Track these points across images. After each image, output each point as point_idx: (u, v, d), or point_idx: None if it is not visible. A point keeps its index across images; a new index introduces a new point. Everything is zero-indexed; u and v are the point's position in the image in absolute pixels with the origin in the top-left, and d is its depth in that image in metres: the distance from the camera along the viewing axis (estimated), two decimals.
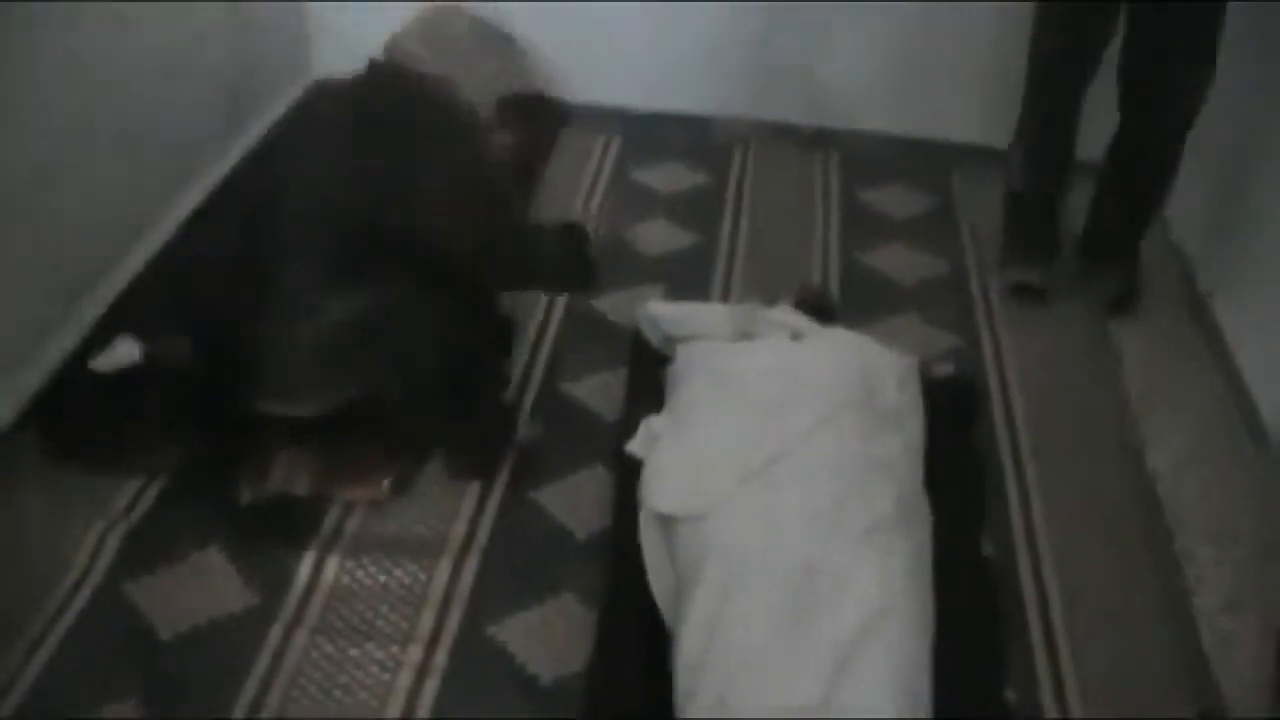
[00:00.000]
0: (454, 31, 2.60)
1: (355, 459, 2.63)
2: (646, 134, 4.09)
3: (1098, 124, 3.30)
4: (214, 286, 2.61)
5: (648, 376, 2.88)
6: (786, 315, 2.86)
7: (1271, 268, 3.08)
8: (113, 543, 2.45)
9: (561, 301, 3.21)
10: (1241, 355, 3.13)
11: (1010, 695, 2.29)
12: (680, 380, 2.69)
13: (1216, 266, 3.40)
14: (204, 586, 2.39)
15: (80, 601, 2.33)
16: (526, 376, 2.97)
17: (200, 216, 2.79)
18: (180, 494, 2.58)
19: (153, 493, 2.58)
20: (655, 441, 2.52)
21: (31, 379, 2.76)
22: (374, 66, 2.67)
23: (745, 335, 2.81)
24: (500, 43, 2.73)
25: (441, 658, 2.29)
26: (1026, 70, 3.34)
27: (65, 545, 2.43)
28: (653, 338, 2.98)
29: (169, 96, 3.28)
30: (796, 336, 2.80)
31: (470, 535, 2.55)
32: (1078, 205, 3.55)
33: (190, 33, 3.39)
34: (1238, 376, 3.10)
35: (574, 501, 2.64)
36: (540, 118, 2.91)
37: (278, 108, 3.98)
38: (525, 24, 4.01)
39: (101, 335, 2.88)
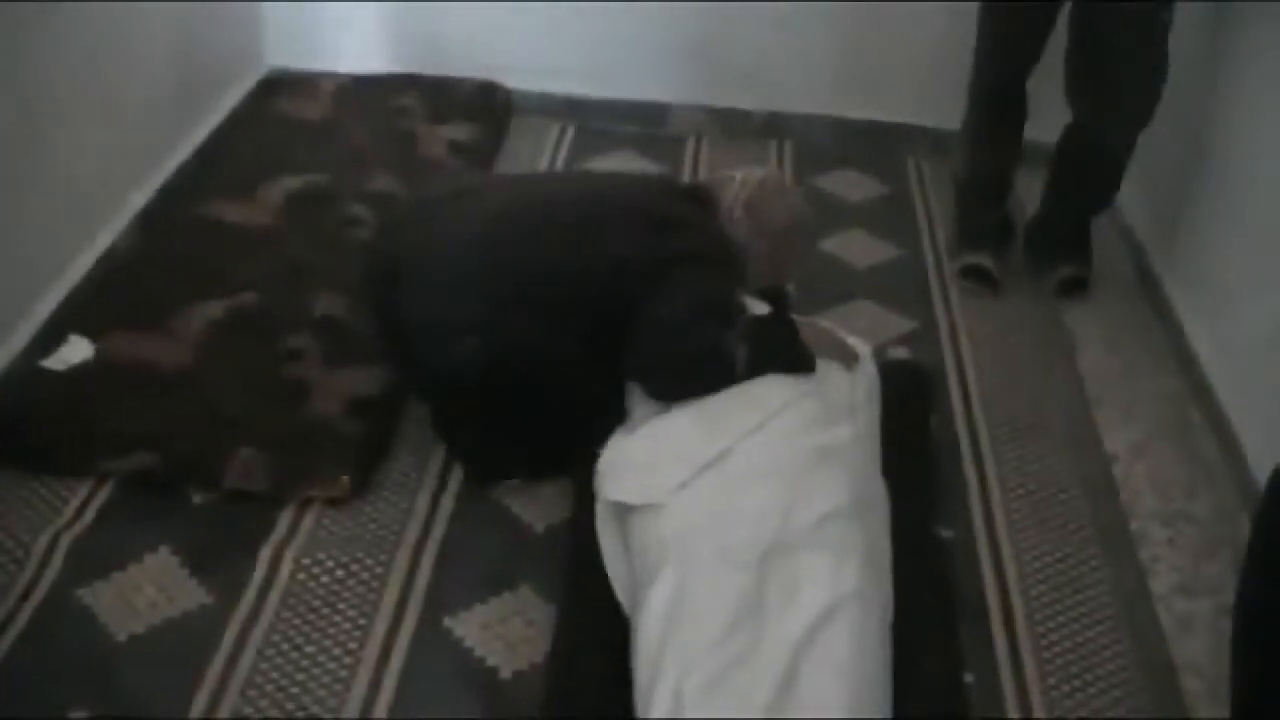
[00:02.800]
0: (778, 216, 2.70)
1: (312, 457, 2.61)
2: (600, 122, 4.08)
3: (1048, 105, 3.32)
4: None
5: None
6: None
7: (1223, 249, 3.09)
8: (63, 548, 2.42)
9: None
10: (1195, 337, 3.15)
11: (969, 678, 2.30)
12: None
13: (1169, 249, 3.42)
14: (158, 588, 2.36)
15: (32, 608, 2.30)
16: None
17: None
18: (132, 496, 2.55)
19: (103, 496, 2.55)
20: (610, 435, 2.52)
21: None
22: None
23: None
24: (803, 237, 2.87)
25: (399, 653, 2.28)
26: (973, 58, 3.36)
27: (15, 552, 2.40)
28: None
29: (117, 91, 3.25)
30: None
31: (426, 530, 2.54)
32: (1030, 188, 3.57)
33: (138, 25, 3.35)
34: (1191, 358, 3.11)
35: (531, 495, 2.62)
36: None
37: (229, 101, 3.95)
38: (474, 14, 4.01)
39: (54, 334, 2.86)
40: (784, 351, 2.59)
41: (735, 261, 2.63)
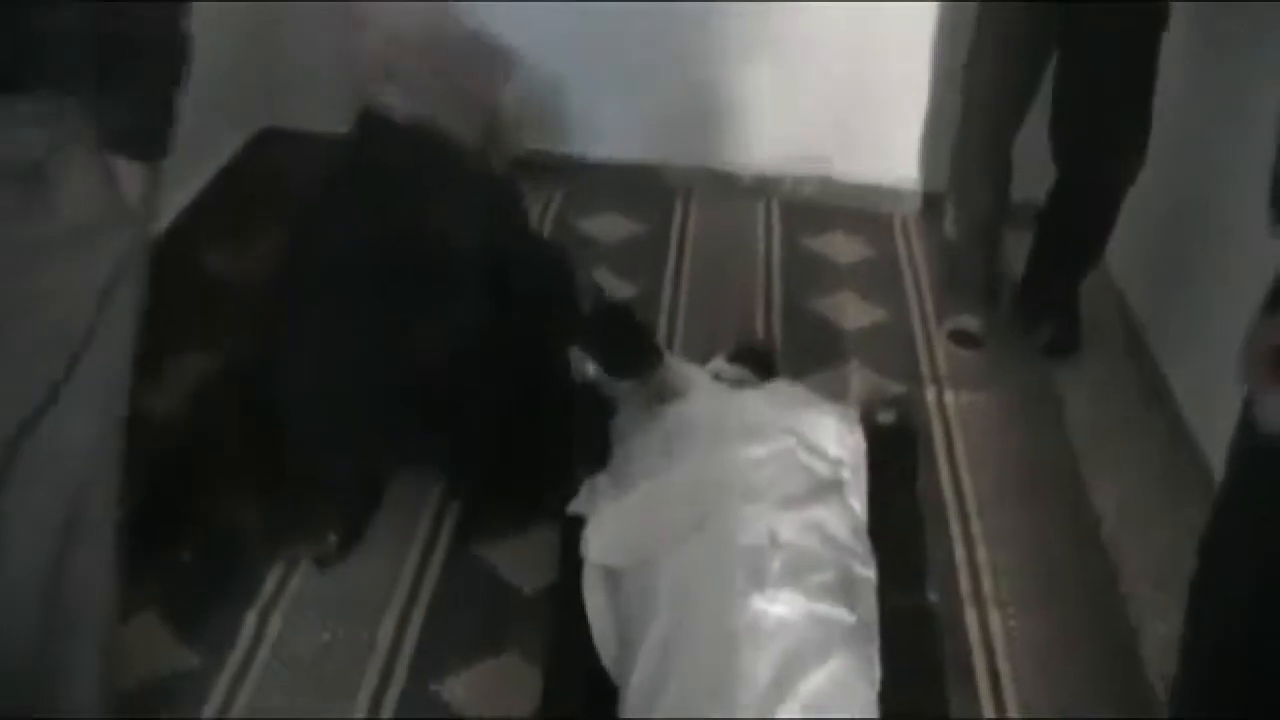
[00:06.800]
0: (414, 61, 2.52)
1: (298, 515, 2.60)
2: (587, 183, 4.09)
3: (1034, 164, 3.34)
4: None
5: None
6: (724, 369, 2.89)
7: (1209, 309, 3.11)
8: None
9: None
10: (1181, 396, 3.15)
11: None
12: (623, 437, 2.70)
13: (1156, 307, 3.43)
14: (143, 649, 2.35)
15: None
16: None
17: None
18: (118, 554, 2.54)
19: None
20: (597, 497, 2.52)
21: None
22: (369, 121, 2.63)
23: (673, 391, 2.81)
24: (487, 66, 2.66)
25: (387, 717, 2.26)
26: (959, 118, 3.39)
27: None
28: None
29: None
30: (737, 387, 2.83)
31: (414, 591, 2.53)
32: (1017, 248, 3.59)
33: None
34: (1178, 417, 3.12)
35: (519, 556, 2.62)
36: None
37: (225, 154, 3.95)
38: None
39: None
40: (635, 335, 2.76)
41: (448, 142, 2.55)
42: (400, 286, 2.45)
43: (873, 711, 2.13)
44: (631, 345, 2.86)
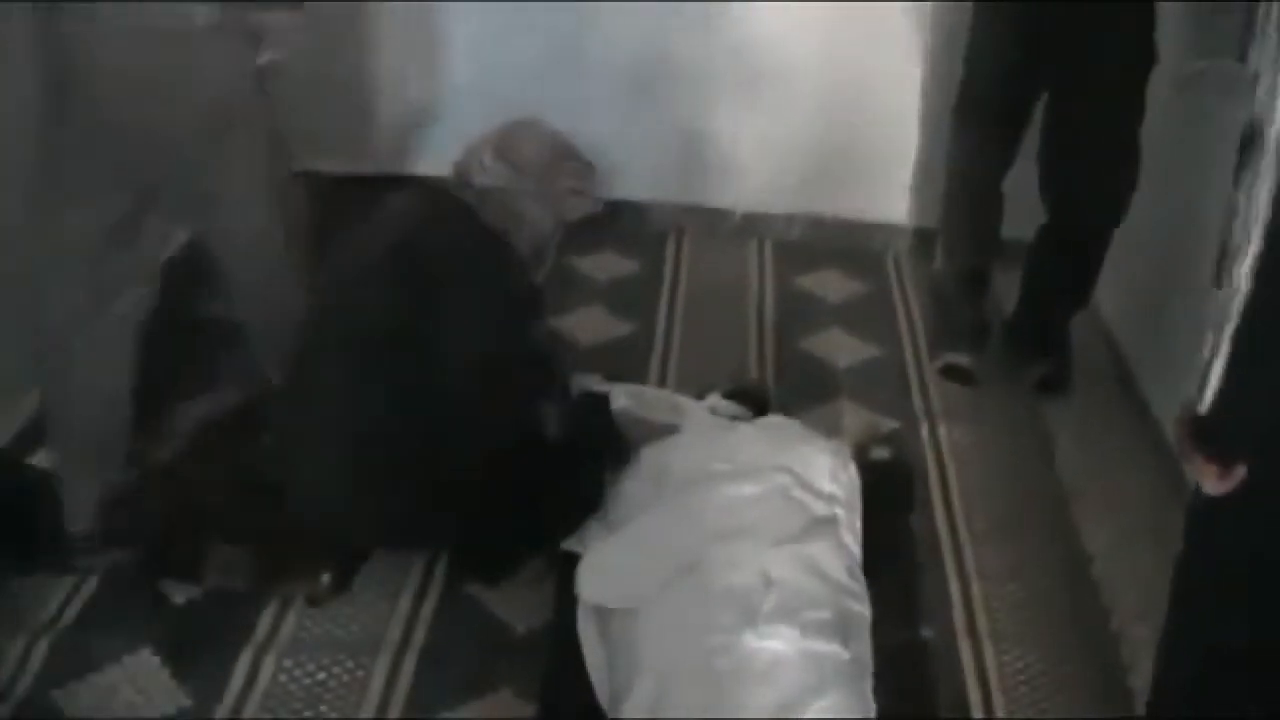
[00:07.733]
0: (530, 149, 2.78)
1: (292, 555, 2.60)
2: (583, 221, 4.10)
3: (1024, 202, 3.36)
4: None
5: None
6: (719, 404, 2.89)
7: (1198, 346, 3.11)
8: (41, 650, 2.41)
9: None
10: (1171, 433, 3.15)
11: None
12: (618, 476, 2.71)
13: (1145, 344, 3.44)
14: (137, 690, 2.35)
15: (7, 711, 2.28)
16: None
17: None
18: (111, 596, 2.55)
19: (82, 596, 2.54)
20: (591, 535, 2.53)
21: None
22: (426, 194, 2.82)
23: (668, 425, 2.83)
24: (572, 161, 2.91)
25: None
26: (948, 156, 3.40)
27: None
28: None
29: None
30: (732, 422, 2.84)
31: (408, 631, 2.53)
32: (1007, 285, 3.60)
33: None
34: (1168, 454, 3.12)
35: (512, 596, 2.62)
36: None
37: None
38: (459, 112, 4.05)
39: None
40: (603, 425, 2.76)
41: (504, 245, 2.69)
42: (412, 358, 2.49)
43: None
44: (603, 440, 2.84)
